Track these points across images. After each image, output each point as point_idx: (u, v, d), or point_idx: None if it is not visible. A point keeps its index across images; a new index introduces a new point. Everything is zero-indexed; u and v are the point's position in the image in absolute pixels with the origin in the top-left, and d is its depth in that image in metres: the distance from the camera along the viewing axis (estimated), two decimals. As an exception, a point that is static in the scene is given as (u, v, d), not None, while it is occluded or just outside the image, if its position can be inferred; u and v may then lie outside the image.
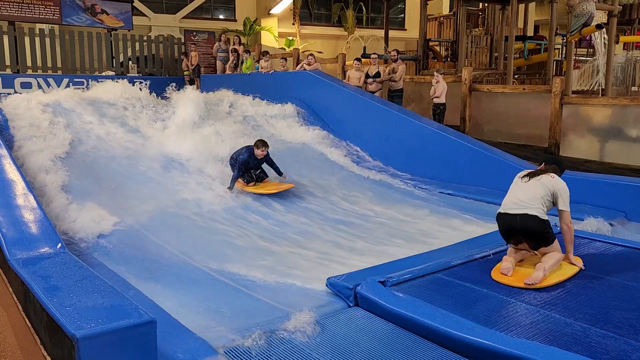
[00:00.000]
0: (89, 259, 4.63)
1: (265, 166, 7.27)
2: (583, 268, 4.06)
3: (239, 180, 7.03)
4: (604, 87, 12.53)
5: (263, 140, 7.07)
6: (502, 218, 4.07)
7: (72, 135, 7.45)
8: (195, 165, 7.52)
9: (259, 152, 6.94)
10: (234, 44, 14.36)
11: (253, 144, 7.02)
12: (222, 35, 15.19)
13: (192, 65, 14.23)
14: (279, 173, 7.26)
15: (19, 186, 5.18)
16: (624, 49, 18.22)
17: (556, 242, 4.00)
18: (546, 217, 3.91)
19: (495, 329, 3.07)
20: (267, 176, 7.26)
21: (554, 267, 3.91)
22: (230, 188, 6.91)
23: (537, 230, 3.89)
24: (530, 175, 4.07)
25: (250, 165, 7.01)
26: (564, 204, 3.94)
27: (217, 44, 14.70)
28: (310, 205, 6.80)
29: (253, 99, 10.44)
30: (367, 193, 7.46)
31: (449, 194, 7.35)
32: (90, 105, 8.41)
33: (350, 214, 6.53)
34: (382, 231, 5.87)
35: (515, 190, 4.08)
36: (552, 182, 3.97)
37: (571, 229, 4.02)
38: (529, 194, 3.95)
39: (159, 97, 9.40)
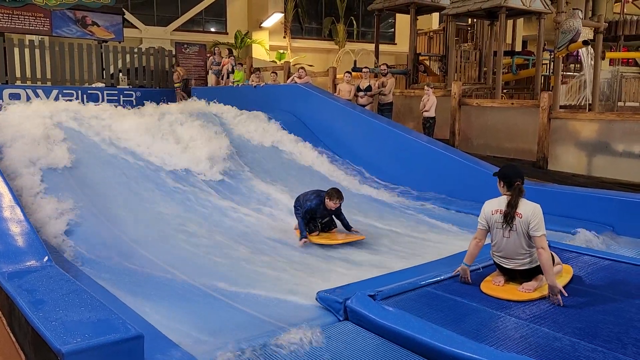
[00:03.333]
0: (76, 273, 4.58)
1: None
2: (565, 293, 3.79)
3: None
4: (590, 102, 12.70)
5: (338, 191, 5.93)
6: (497, 265, 4.13)
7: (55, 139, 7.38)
8: (185, 178, 7.49)
9: (330, 204, 5.87)
10: (227, 55, 14.44)
11: (325, 192, 5.98)
12: (216, 48, 15.23)
13: (178, 79, 14.24)
14: (348, 227, 6.05)
15: (6, 198, 5.12)
16: (609, 64, 18.50)
17: (555, 259, 3.99)
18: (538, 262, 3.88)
19: (485, 343, 3.06)
20: (335, 226, 6.14)
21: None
22: (304, 238, 5.80)
23: (538, 272, 3.94)
24: (506, 221, 3.90)
25: (316, 215, 6.01)
26: (535, 230, 3.81)
27: (211, 57, 14.71)
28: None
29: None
30: (356, 206, 7.46)
31: (438, 206, 7.37)
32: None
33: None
34: (370, 245, 5.86)
35: (500, 241, 3.98)
36: (523, 222, 3.84)
37: (546, 251, 3.77)
38: (517, 249, 3.92)
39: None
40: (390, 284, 3.98)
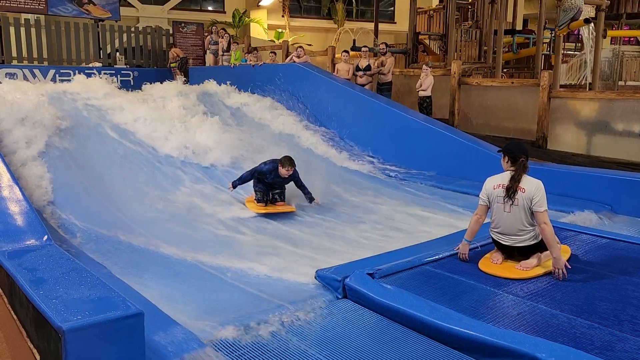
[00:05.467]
0: (76, 251, 4.59)
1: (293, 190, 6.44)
2: (569, 266, 3.88)
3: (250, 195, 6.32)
4: (591, 81, 12.63)
5: (290, 158, 6.10)
6: (496, 242, 4.12)
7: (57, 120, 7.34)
8: (183, 159, 7.48)
9: (283, 171, 6.05)
10: (222, 34, 14.31)
11: (279, 159, 6.13)
12: (214, 27, 15.06)
13: (174, 59, 14.09)
14: (310, 199, 6.35)
15: (4, 178, 5.12)
16: (611, 43, 18.34)
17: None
18: (540, 237, 3.90)
19: (482, 320, 3.09)
20: (282, 200, 6.36)
21: (549, 257, 3.92)
22: (234, 186, 6.34)
23: (535, 249, 3.97)
24: (508, 195, 3.90)
25: (267, 180, 6.19)
26: (538, 205, 3.82)
27: (209, 36, 14.53)
28: (298, 199, 6.78)
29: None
30: (355, 185, 7.46)
31: (437, 186, 7.37)
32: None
33: (338, 207, 6.53)
34: (370, 224, 5.88)
35: (500, 216, 3.99)
36: (526, 197, 3.85)
37: (549, 226, 3.79)
38: (517, 224, 3.92)
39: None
40: (389, 262, 4.00)
